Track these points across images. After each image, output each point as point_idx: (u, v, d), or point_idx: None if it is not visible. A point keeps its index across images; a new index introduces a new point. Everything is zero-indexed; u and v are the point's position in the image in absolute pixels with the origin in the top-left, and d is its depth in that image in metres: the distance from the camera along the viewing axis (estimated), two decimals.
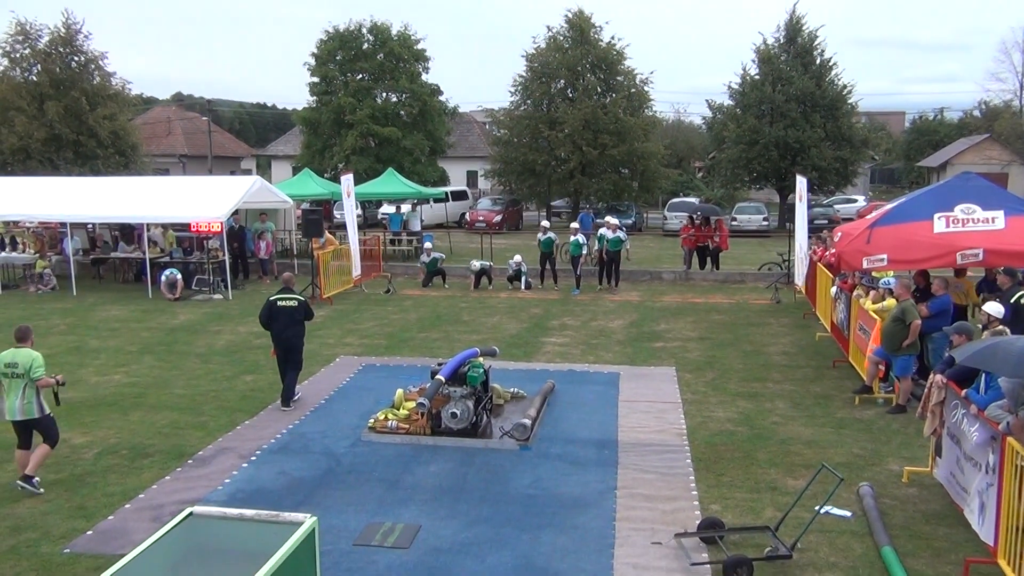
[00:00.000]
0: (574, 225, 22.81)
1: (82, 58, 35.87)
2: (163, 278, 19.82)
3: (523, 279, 21.35)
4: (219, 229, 19.72)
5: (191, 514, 5.92)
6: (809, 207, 20.82)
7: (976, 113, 60.95)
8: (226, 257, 20.62)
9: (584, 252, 21.26)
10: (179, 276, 19.89)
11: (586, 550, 7.16)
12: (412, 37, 41.67)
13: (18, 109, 34.02)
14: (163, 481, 8.74)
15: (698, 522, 7.51)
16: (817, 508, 7.24)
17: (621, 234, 21.04)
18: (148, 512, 7.94)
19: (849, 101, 38.43)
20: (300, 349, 11.50)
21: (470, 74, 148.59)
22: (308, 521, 5.78)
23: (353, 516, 7.82)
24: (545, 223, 21.28)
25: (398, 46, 40.40)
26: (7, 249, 22.75)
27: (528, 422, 9.91)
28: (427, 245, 22.75)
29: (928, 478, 8.62)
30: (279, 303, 11.26)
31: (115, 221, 22.38)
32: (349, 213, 20.90)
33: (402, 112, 40.80)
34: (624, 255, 21.40)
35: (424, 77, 41.95)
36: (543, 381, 12.02)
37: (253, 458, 9.36)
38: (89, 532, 7.54)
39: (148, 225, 21.33)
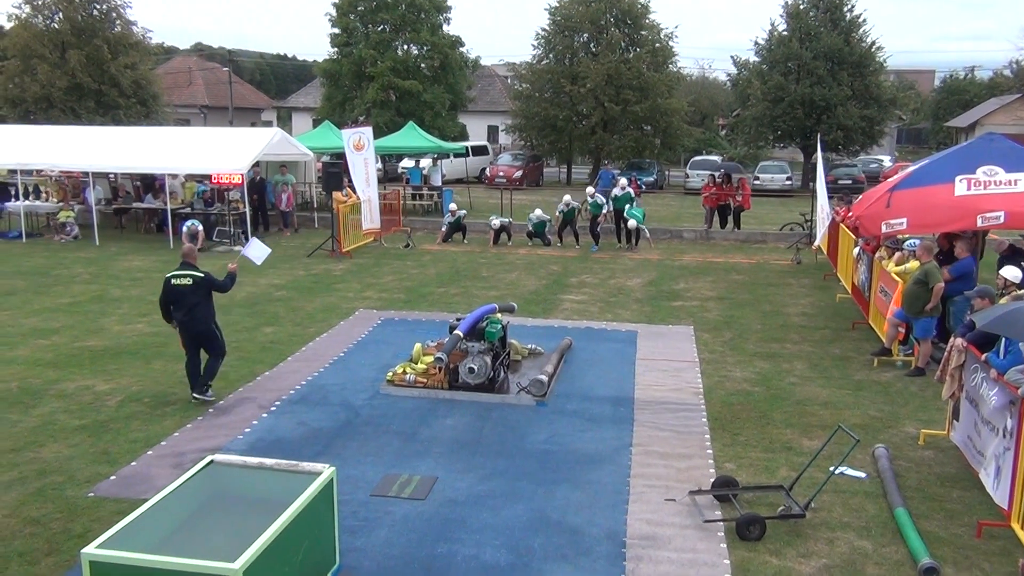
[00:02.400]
0: (589, 189, 22.39)
1: (103, 6, 35.75)
2: (184, 229, 19.92)
3: (547, 228, 21.23)
4: (240, 181, 19.76)
5: (212, 462, 6.03)
6: (825, 169, 20.52)
7: (1007, 72, 59.59)
8: (247, 209, 20.68)
9: (604, 212, 21.16)
10: (200, 227, 19.98)
11: (600, 505, 7.23)
12: None
13: (40, 57, 34.03)
14: (184, 429, 8.87)
15: (712, 480, 7.55)
16: (832, 468, 7.25)
17: (630, 191, 20.86)
18: (170, 459, 8.08)
19: (878, 59, 37.65)
20: (213, 335, 9.63)
21: (492, 26, 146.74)
22: (326, 471, 5.87)
23: (371, 467, 7.92)
24: (567, 197, 21.04)
25: None
26: (31, 198, 22.93)
27: (545, 378, 9.96)
28: (451, 207, 22.47)
29: (944, 441, 8.61)
30: (173, 281, 9.39)
31: (137, 172, 22.46)
32: (356, 167, 20.78)
33: (423, 65, 40.41)
34: (644, 235, 21.07)
35: (445, 29, 41.47)
36: (561, 338, 12.04)
37: (273, 408, 9.48)
38: (112, 477, 7.69)
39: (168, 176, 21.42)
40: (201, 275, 9.46)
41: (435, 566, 6.24)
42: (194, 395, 9.58)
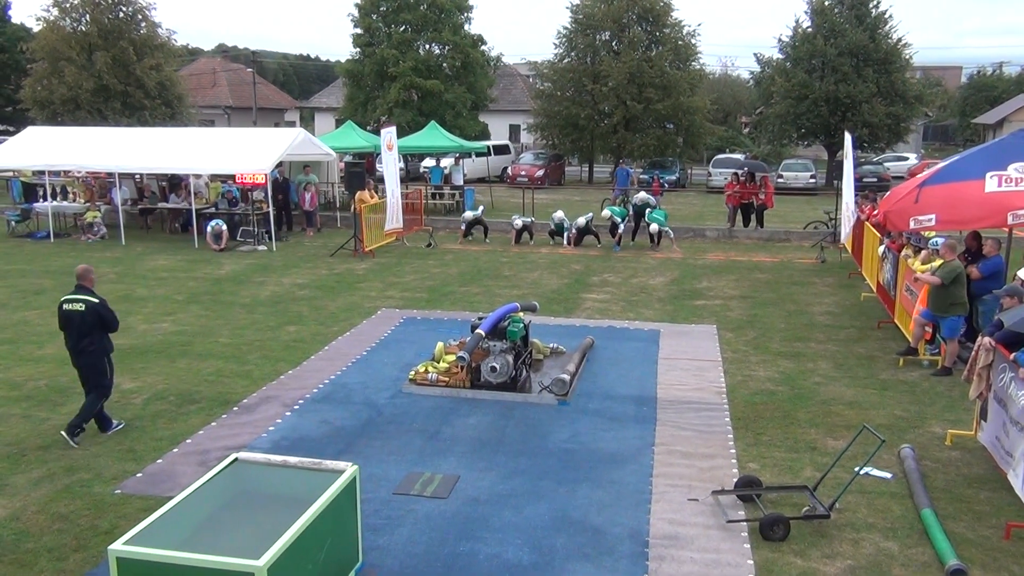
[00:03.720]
0: (605, 213, 21.98)
1: (129, 8, 36.14)
2: (208, 229, 20.10)
3: (566, 232, 21.15)
4: (264, 181, 19.90)
5: (236, 460, 6.07)
6: (855, 165, 20.35)
7: None
8: (270, 209, 20.83)
9: (623, 224, 20.90)
10: (224, 227, 20.15)
11: (623, 504, 7.21)
12: None
13: (68, 59, 34.44)
14: (209, 427, 8.95)
15: (735, 480, 7.51)
16: (857, 469, 7.19)
17: (651, 199, 20.87)
18: (195, 457, 8.15)
19: (903, 55, 37.28)
20: (100, 371, 8.50)
21: (514, 25, 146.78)
22: (350, 469, 5.90)
23: (393, 465, 7.95)
24: (580, 219, 20.95)
25: None
26: (58, 198, 23.23)
27: (567, 377, 9.94)
28: (467, 214, 22.38)
29: (972, 441, 8.51)
30: (65, 306, 8.42)
31: (162, 172, 22.69)
32: (388, 166, 20.87)
33: (445, 64, 40.47)
34: (668, 235, 20.94)
35: (467, 28, 41.49)
36: (583, 337, 12.02)
37: (296, 407, 9.53)
38: (139, 474, 7.77)
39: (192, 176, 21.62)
40: (96, 301, 8.45)
41: (457, 564, 6.26)
42: (63, 431, 8.41)
